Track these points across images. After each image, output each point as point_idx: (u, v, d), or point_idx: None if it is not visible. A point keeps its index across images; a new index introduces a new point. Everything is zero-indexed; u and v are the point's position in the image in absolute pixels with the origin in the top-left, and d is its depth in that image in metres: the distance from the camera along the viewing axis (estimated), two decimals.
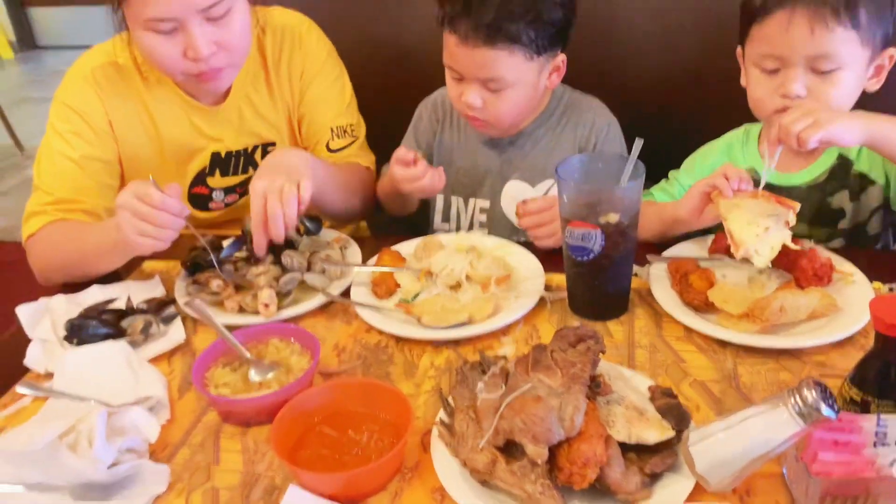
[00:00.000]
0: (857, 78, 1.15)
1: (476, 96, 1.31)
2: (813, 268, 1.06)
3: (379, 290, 1.17)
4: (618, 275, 1.07)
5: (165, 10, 1.18)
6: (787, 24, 1.13)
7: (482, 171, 1.48)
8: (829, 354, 0.98)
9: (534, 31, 1.25)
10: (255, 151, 1.47)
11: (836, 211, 1.24)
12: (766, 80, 1.18)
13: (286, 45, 1.44)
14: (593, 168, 1.08)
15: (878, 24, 1.13)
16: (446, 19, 1.29)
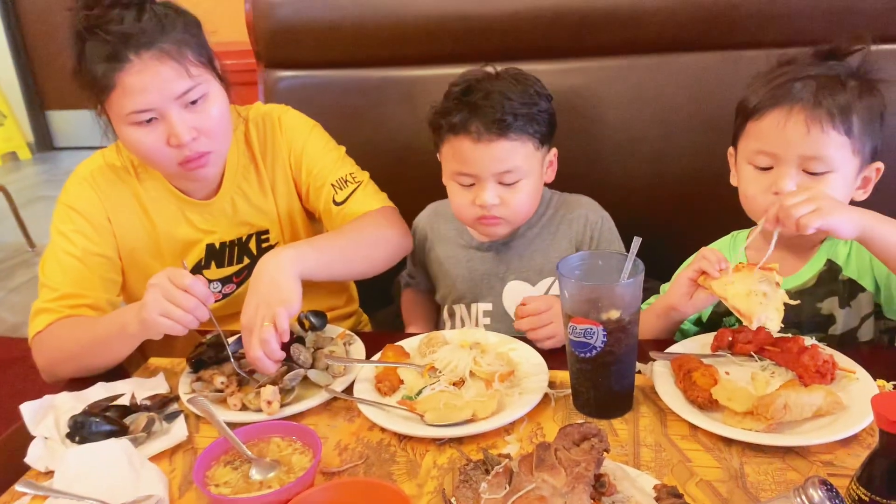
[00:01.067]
0: (846, 184, 1.19)
1: (493, 194, 1.37)
2: (815, 365, 1.06)
3: (382, 387, 1.17)
4: (621, 371, 1.07)
5: (144, 102, 1.25)
6: (784, 122, 1.17)
7: (480, 275, 1.52)
8: (836, 453, 0.97)
9: (535, 122, 1.36)
10: (249, 240, 1.51)
11: (826, 317, 1.25)
12: (758, 177, 1.22)
13: (269, 132, 1.50)
14: (593, 265, 1.10)
15: (868, 136, 1.18)
16: (454, 128, 1.36)
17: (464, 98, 1.37)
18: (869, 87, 1.21)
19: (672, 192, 1.74)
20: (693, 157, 1.71)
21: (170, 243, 1.46)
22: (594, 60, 1.77)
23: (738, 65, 1.64)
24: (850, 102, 1.16)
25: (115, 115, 1.29)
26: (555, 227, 1.49)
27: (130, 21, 1.24)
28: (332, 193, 1.48)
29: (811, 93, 1.16)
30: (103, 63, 1.23)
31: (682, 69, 1.72)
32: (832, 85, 1.17)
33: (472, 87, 1.38)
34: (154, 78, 1.24)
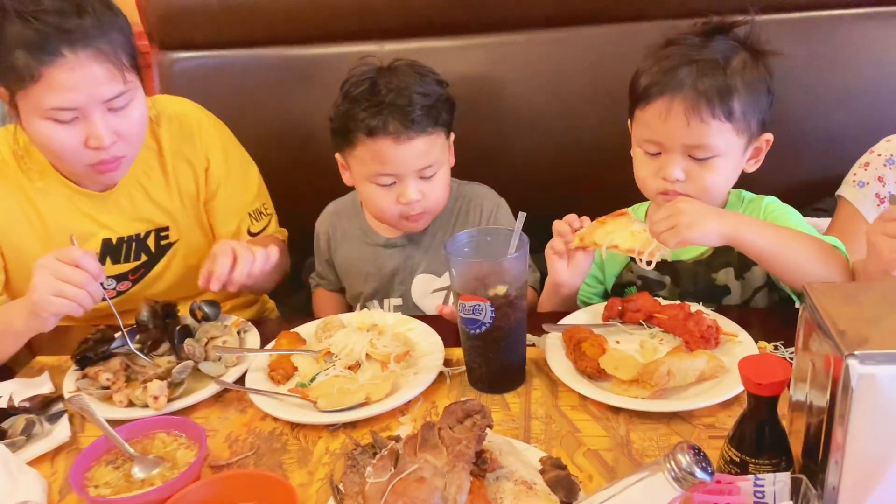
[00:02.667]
0: (733, 163, 1.22)
1: (415, 190, 1.38)
2: (700, 330, 1.09)
3: (276, 375, 1.15)
4: (511, 346, 1.07)
5: (69, 100, 1.18)
6: (665, 113, 1.18)
7: (389, 271, 1.51)
8: (718, 416, 0.99)
9: (444, 114, 1.38)
10: (147, 237, 1.45)
11: (721, 287, 1.28)
12: (648, 161, 1.24)
13: (184, 133, 1.45)
14: (482, 242, 1.10)
15: (752, 113, 1.20)
16: (372, 130, 1.34)
17: (373, 98, 1.34)
18: (754, 60, 1.23)
19: (575, 167, 1.75)
20: (594, 130, 1.73)
21: (62, 237, 1.38)
22: (491, 36, 1.76)
23: (635, 37, 1.61)
24: (730, 86, 1.17)
25: (31, 106, 1.20)
26: (455, 218, 1.50)
27: (70, 14, 1.17)
28: (248, 224, 1.51)
29: (691, 83, 1.17)
30: (28, 52, 1.16)
31: (579, 43, 1.73)
32: (712, 71, 1.18)
33: (378, 85, 1.35)
34: (86, 78, 1.18)
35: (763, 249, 1.12)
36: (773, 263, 1.14)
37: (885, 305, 0.77)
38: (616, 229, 1.17)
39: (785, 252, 1.12)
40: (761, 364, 0.80)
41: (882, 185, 1.27)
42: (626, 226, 1.18)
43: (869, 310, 0.77)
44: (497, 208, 1.49)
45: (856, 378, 0.70)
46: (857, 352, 0.70)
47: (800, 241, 1.14)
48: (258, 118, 1.80)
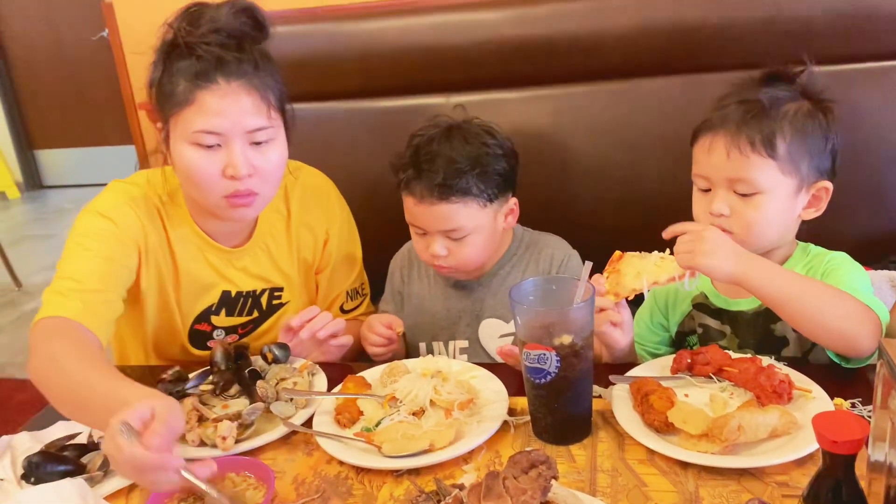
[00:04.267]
0: (781, 204, 1.21)
1: (441, 247, 1.41)
2: (772, 385, 1.06)
3: (342, 419, 1.16)
4: (576, 396, 1.07)
5: (215, 124, 1.26)
6: (709, 146, 1.22)
7: (456, 313, 1.53)
8: (790, 474, 0.96)
9: (482, 182, 1.38)
10: (262, 294, 1.50)
11: (779, 339, 1.26)
12: (700, 198, 1.26)
13: (311, 202, 1.52)
14: (547, 290, 1.11)
15: (802, 155, 1.19)
16: (402, 184, 1.42)
17: (412, 158, 1.41)
18: (811, 107, 1.23)
19: (641, 216, 1.73)
20: (660, 180, 1.72)
21: (187, 282, 1.44)
22: (559, 88, 1.79)
23: (701, 88, 1.65)
24: (774, 124, 1.18)
25: (180, 131, 1.28)
26: (524, 265, 1.51)
27: (231, 49, 1.27)
28: (343, 300, 1.57)
29: (735, 119, 1.20)
30: (189, 79, 1.25)
31: (646, 94, 1.75)
32: (757, 109, 1.20)
33: (421, 148, 1.41)
34: (233, 105, 1.26)
35: (772, 295, 1.12)
36: (785, 312, 1.13)
37: None
38: (640, 268, 1.18)
39: (795, 303, 1.11)
40: (837, 421, 0.78)
41: None
42: (645, 262, 1.18)
43: None
44: (568, 259, 1.50)
45: None
46: None
47: (819, 294, 1.11)
48: (326, 169, 1.85)
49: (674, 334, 1.36)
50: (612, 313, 1.19)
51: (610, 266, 1.23)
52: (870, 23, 1.59)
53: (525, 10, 1.78)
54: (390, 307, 1.60)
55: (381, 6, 1.97)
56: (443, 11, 1.85)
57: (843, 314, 1.10)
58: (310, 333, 1.30)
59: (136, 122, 2.71)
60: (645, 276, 1.18)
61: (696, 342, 1.32)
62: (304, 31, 1.93)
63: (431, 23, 1.84)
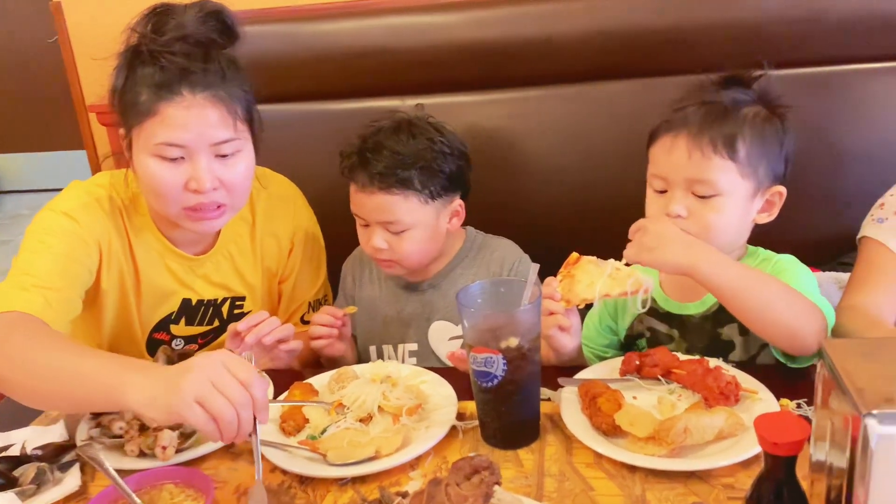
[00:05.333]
0: (739, 208, 1.20)
1: (380, 239, 1.40)
2: (719, 386, 1.06)
3: (287, 426, 1.14)
4: (524, 400, 1.06)
5: (178, 137, 1.21)
6: (669, 147, 1.21)
7: (406, 316, 1.51)
8: (737, 476, 0.96)
9: (425, 178, 1.38)
10: (223, 303, 1.47)
11: (726, 343, 1.26)
12: (656, 199, 1.25)
13: (277, 210, 1.49)
14: (495, 294, 1.09)
15: (760, 160, 1.19)
16: (346, 171, 1.41)
17: (359, 146, 1.41)
18: (768, 113, 1.24)
19: (596, 220, 1.74)
20: (615, 184, 1.71)
21: (148, 290, 1.40)
22: (515, 91, 1.78)
23: (655, 92, 1.64)
24: (735, 127, 1.18)
25: (143, 142, 1.24)
26: (475, 267, 1.50)
27: (196, 59, 1.22)
28: (304, 311, 1.54)
29: (697, 120, 1.19)
30: (151, 89, 1.21)
31: (601, 98, 1.75)
32: (719, 112, 1.20)
33: (368, 138, 1.42)
34: (198, 118, 1.22)
35: (721, 287, 1.11)
36: (733, 305, 1.12)
37: None
38: (594, 277, 1.16)
39: (745, 296, 1.10)
40: (778, 422, 0.77)
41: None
42: (600, 271, 1.16)
43: (889, 367, 0.74)
44: (519, 262, 1.49)
45: (875, 439, 0.68)
46: (876, 411, 0.68)
47: (769, 288, 1.11)
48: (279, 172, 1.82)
49: (622, 338, 1.35)
50: (561, 318, 1.18)
51: (565, 268, 1.21)
52: (818, 28, 1.61)
53: (480, 13, 1.78)
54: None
55: (336, 8, 1.96)
56: (398, 13, 1.83)
57: (792, 310, 1.09)
58: (256, 338, 1.26)
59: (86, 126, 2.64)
60: (598, 286, 1.16)
61: (645, 346, 1.32)
62: (256, 33, 1.87)
63: (386, 25, 1.82)
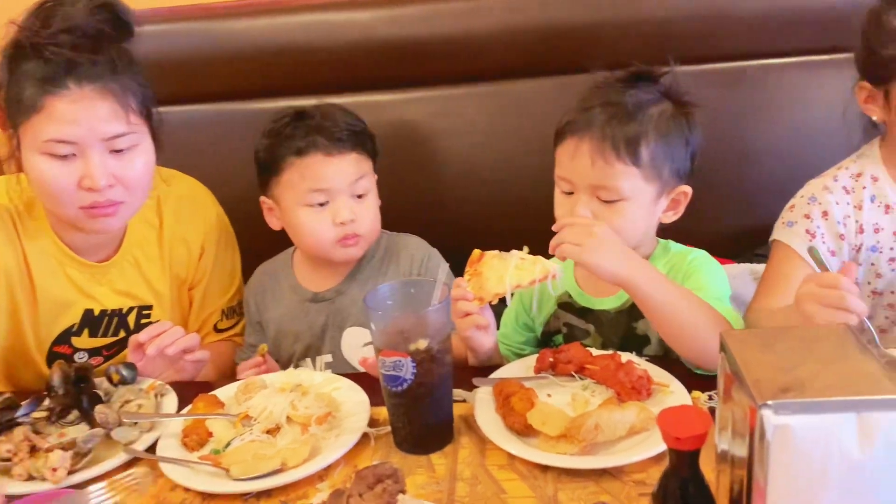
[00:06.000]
0: (643, 210, 1.20)
1: (348, 210, 1.36)
2: (630, 381, 1.05)
3: (189, 441, 1.08)
4: (436, 403, 1.03)
5: (68, 133, 1.15)
6: (574, 151, 1.19)
7: (319, 327, 1.46)
8: (648, 471, 0.95)
9: (369, 141, 1.42)
10: (129, 313, 1.39)
11: (641, 337, 1.26)
12: (563, 200, 1.24)
13: (186, 213, 1.43)
14: (405, 295, 1.06)
15: (664, 161, 1.19)
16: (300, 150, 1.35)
17: (300, 123, 1.37)
18: (674, 110, 1.23)
19: (513, 218, 1.73)
20: (532, 182, 1.69)
21: (46, 301, 1.32)
22: (432, 90, 1.77)
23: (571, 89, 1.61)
24: (638, 132, 1.17)
25: (31, 140, 1.17)
26: (385, 269, 1.47)
27: (84, 50, 1.16)
28: (217, 319, 1.49)
29: (600, 124, 1.18)
30: (36, 83, 1.14)
31: (517, 96, 1.74)
32: (623, 115, 1.18)
33: (304, 114, 1.39)
34: (88, 112, 1.15)
35: (651, 303, 1.09)
36: (657, 319, 1.12)
37: (801, 352, 0.75)
38: (501, 271, 1.14)
39: (670, 313, 1.10)
40: (681, 417, 0.76)
41: (809, 220, 1.28)
42: (505, 264, 1.15)
43: (785, 357, 0.74)
44: (428, 258, 1.46)
45: (771, 429, 0.67)
46: (772, 402, 0.67)
47: (692, 308, 1.10)
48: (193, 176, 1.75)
49: (539, 335, 1.34)
50: (477, 317, 1.15)
51: (470, 267, 1.19)
52: (725, 24, 1.64)
53: (396, 10, 1.75)
54: (255, 338, 1.51)
55: (251, 5, 1.89)
56: (314, 11, 1.79)
57: (709, 332, 1.07)
58: (157, 350, 1.20)
59: None
60: (507, 278, 1.14)
61: (562, 341, 1.31)
62: (167, 31, 1.83)
63: (303, 22, 1.77)
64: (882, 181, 1.27)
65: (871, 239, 1.26)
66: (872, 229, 1.27)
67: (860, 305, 0.98)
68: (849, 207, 1.27)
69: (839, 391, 0.68)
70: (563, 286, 1.31)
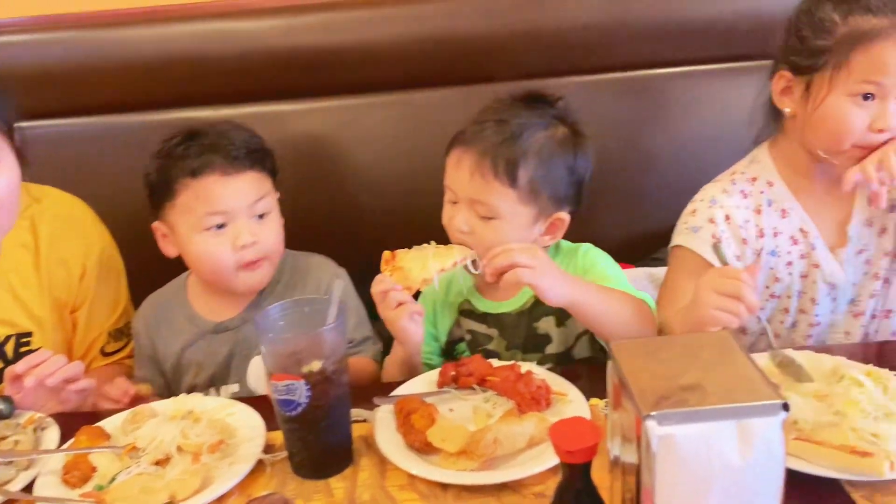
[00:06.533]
0: (518, 232, 1.21)
1: (248, 232, 1.30)
2: (529, 391, 1.05)
3: (71, 478, 1.01)
4: (332, 426, 1.00)
5: None
6: (457, 162, 1.21)
7: (223, 358, 1.39)
8: (547, 483, 0.94)
9: (267, 159, 1.36)
10: (6, 342, 1.31)
11: (543, 336, 1.27)
12: (447, 209, 1.26)
13: (64, 232, 1.35)
14: (300, 314, 1.03)
15: (544, 187, 1.20)
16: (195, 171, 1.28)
17: (194, 143, 1.30)
18: (562, 137, 1.24)
19: (422, 228, 1.69)
20: (440, 192, 1.69)
21: None
22: (337, 99, 1.74)
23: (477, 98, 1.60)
24: (518, 155, 1.18)
25: None
26: (291, 292, 1.40)
27: None
28: (104, 342, 1.41)
29: (483, 140, 1.19)
30: None
31: (424, 105, 1.73)
32: (507, 136, 1.19)
33: (198, 132, 1.32)
34: None
35: (593, 316, 1.14)
36: (600, 325, 1.15)
37: (684, 360, 0.76)
38: (422, 260, 1.18)
39: (607, 318, 1.14)
40: (572, 429, 0.76)
41: (714, 225, 1.29)
42: (423, 254, 1.19)
43: (669, 366, 0.75)
44: (337, 277, 1.41)
45: (656, 439, 0.68)
46: (655, 413, 0.68)
47: (621, 300, 1.16)
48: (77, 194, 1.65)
49: (444, 343, 1.33)
50: (411, 305, 1.17)
51: (387, 265, 1.20)
52: (621, 35, 1.67)
53: (294, 19, 1.71)
54: (146, 372, 1.41)
55: (140, 13, 1.81)
56: (207, 19, 1.73)
57: (641, 320, 1.16)
58: (36, 380, 1.12)
59: None
60: (430, 264, 1.17)
61: (465, 349, 1.31)
62: (47, 40, 1.74)
63: (196, 31, 1.72)
64: (777, 186, 1.29)
65: (770, 243, 1.29)
66: (772, 233, 1.29)
67: (753, 299, 1.02)
68: (748, 212, 1.29)
69: (720, 399, 0.69)
70: (464, 293, 1.31)
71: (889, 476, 0.87)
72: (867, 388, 0.97)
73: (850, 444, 0.89)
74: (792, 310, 1.32)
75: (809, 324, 1.33)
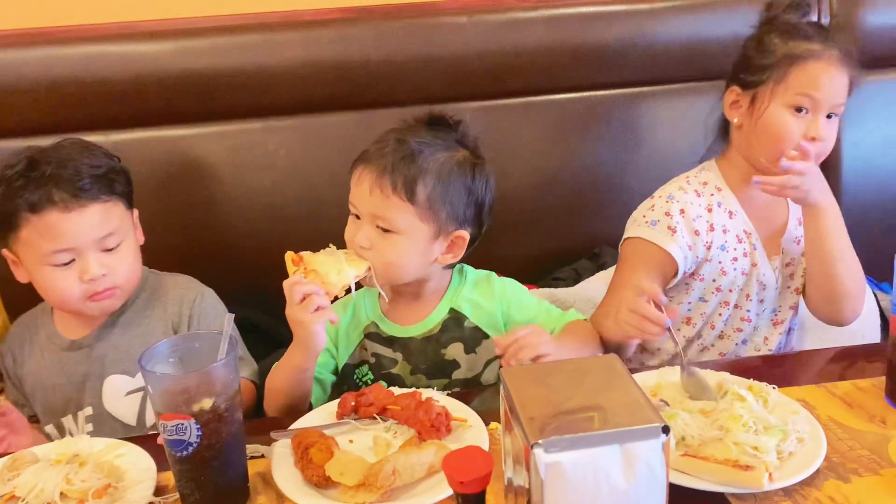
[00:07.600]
0: (418, 248, 1.23)
1: (97, 265, 1.25)
2: (429, 419, 1.05)
3: None
4: (226, 465, 0.96)
5: None
6: (358, 178, 1.23)
7: (78, 378, 1.33)
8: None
9: (117, 181, 1.30)
10: None
11: (450, 362, 1.28)
12: (350, 223, 1.27)
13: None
14: (189, 350, 0.99)
15: (442, 205, 1.22)
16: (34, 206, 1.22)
17: (32, 173, 1.23)
18: (463, 159, 1.27)
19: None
20: (338, 217, 1.67)
21: None
22: (232, 124, 1.70)
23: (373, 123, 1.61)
24: (417, 173, 1.20)
25: None
26: (150, 310, 1.37)
27: None
28: None
29: (385, 158, 1.21)
30: None
31: (320, 130, 1.72)
32: (405, 154, 1.21)
33: (38, 161, 1.24)
34: None
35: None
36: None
37: (570, 385, 0.78)
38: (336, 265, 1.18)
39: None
40: (464, 460, 0.77)
41: (670, 217, 1.38)
42: (335, 258, 1.20)
43: (556, 392, 0.77)
44: (200, 297, 1.38)
45: (543, 466, 0.69)
46: (542, 441, 0.69)
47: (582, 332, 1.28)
48: None
49: (341, 366, 1.32)
50: (329, 311, 1.15)
51: (297, 267, 1.19)
52: (515, 62, 1.71)
53: (190, 42, 1.67)
54: (11, 394, 1.37)
55: (25, 34, 1.72)
56: (100, 41, 1.67)
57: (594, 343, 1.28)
58: None
59: None
60: (348, 270, 1.18)
61: (367, 372, 1.30)
62: None
63: (88, 53, 1.65)
64: (724, 191, 1.43)
65: (720, 238, 1.41)
66: (721, 230, 1.41)
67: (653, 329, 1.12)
68: (701, 209, 1.40)
69: (604, 423, 0.71)
70: (370, 315, 1.31)
71: (768, 487, 0.91)
72: (748, 402, 1.01)
73: (733, 458, 0.93)
74: (731, 303, 1.44)
75: (741, 318, 1.45)
